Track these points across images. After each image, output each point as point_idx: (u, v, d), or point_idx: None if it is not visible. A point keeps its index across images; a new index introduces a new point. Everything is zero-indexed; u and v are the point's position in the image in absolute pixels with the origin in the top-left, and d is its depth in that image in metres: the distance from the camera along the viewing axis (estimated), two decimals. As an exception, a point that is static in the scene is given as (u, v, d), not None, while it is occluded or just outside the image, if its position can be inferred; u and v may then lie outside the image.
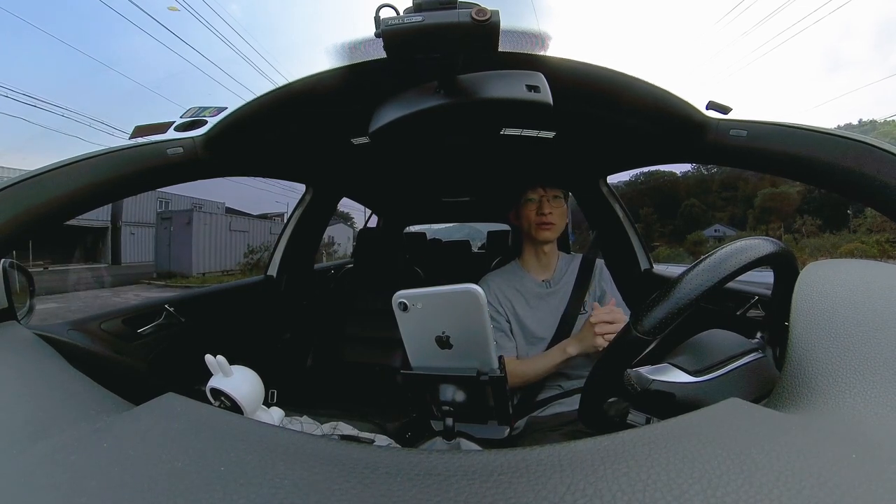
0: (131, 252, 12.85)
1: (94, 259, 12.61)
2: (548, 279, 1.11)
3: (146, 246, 12.89)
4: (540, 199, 1.06)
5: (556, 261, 1.13)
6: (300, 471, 0.24)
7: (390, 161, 1.54)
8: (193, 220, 11.14)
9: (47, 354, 0.47)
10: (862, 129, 11.60)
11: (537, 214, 1.05)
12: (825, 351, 0.29)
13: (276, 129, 0.93)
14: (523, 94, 0.60)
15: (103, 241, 12.60)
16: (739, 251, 0.43)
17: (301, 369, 1.57)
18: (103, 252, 12.52)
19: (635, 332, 0.42)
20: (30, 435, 0.29)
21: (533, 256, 1.12)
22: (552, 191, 1.06)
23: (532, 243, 1.10)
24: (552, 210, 1.05)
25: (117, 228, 12.74)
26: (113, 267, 12.45)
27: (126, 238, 12.88)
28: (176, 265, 11.49)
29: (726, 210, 15.76)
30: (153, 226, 13.10)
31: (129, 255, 12.84)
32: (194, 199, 14.63)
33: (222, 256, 11.97)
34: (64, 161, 0.70)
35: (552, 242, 1.09)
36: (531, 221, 1.06)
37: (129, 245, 12.91)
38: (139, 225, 12.89)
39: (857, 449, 0.22)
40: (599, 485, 0.21)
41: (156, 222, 12.83)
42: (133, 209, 12.79)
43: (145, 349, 1.04)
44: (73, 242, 12.19)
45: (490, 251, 3.80)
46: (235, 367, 0.51)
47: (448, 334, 0.41)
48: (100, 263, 12.53)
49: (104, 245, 12.61)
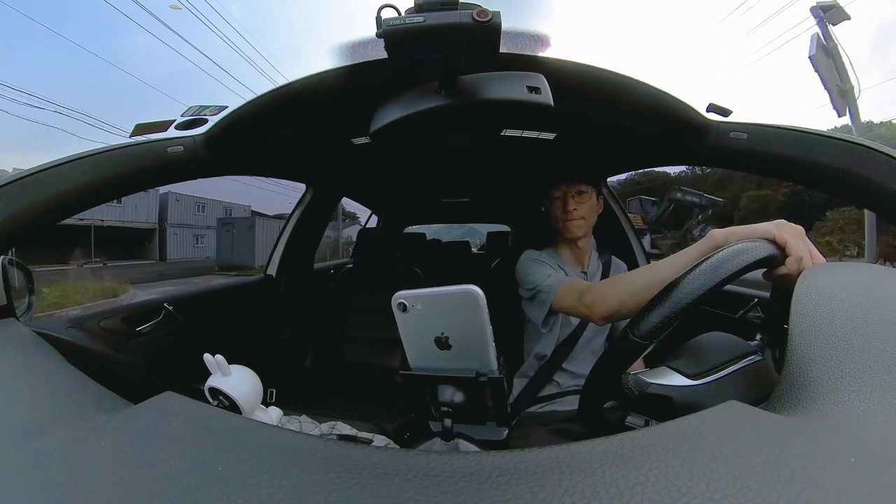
0: (174, 250, 15.24)
1: (142, 256, 14.45)
2: (584, 271, 1.12)
3: (187, 244, 15.41)
4: (564, 195, 1.06)
5: (589, 255, 1.14)
6: (298, 471, 0.24)
7: (390, 161, 1.54)
8: (256, 225, 13.88)
9: (46, 352, 0.47)
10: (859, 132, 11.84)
11: (563, 212, 1.05)
12: (824, 354, 0.29)
13: (277, 128, 0.93)
14: (524, 95, 0.60)
15: (150, 240, 14.85)
16: (737, 254, 0.43)
17: (300, 369, 1.57)
18: (150, 250, 14.63)
19: (632, 336, 0.42)
20: (27, 432, 0.29)
21: (568, 251, 1.12)
22: (576, 186, 1.06)
23: (565, 239, 1.11)
24: (577, 206, 1.05)
25: (163, 230, 15.19)
26: (161, 263, 14.41)
27: (170, 238, 15.36)
28: (238, 260, 13.51)
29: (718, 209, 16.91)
30: (193, 227, 15.67)
31: (173, 253, 15.19)
32: (225, 203, 17.51)
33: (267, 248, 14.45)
34: (64, 158, 0.70)
35: (586, 237, 1.10)
36: (559, 219, 1.07)
37: (172, 244, 15.33)
38: (181, 226, 15.48)
39: (856, 452, 0.22)
40: (598, 487, 0.21)
41: (217, 226, 15.14)
42: (176, 212, 15.32)
43: (144, 348, 1.04)
44: (121, 241, 13.93)
45: (490, 252, 3.80)
46: (234, 366, 0.51)
47: (447, 335, 0.41)
48: (148, 260, 14.42)
49: (150, 243, 14.85)
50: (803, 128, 0.72)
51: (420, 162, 1.61)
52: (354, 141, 1.15)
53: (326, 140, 1.18)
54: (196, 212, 15.94)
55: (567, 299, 0.88)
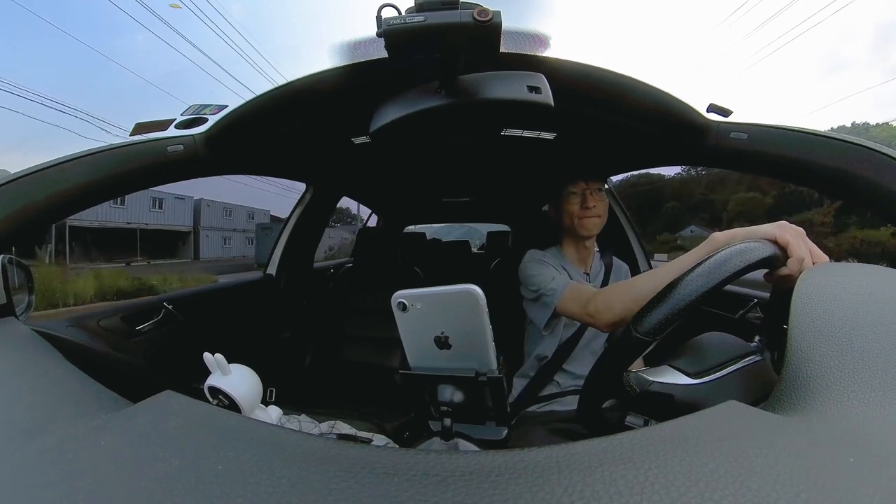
0: (205, 250, 17.28)
1: (177, 256, 16.50)
2: (587, 272, 1.11)
3: (217, 245, 17.83)
4: (583, 192, 1.03)
5: (593, 256, 1.13)
6: (297, 470, 0.24)
7: (391, 161, 1.54)
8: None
9: (45, 351, 0.47)
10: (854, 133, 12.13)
11: (581, 208, 1.03)
12: (824, 354, 0.29)
13: (277, 127, 0.93)
14: (524, 94, 0.60)
15: (184, 241, 17.04)
16: (739, 254, 0.43)
17: (300, 368, 1.57)
18: (185, 250, 16.75)
19: (635, 332, 0.42)
20: (27, 431, 0.29)
21: (573, 250, 1.10)
22: (594, 183, 1.04)
23: (574, 238, 1.08)
24: (596, 203, 1.02)
25: (197, 232, 17.40)
26: (195, 262, 16.37)
27: (203, 239, 17.57)
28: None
29: (708, 211, 18.54)
30: (221, 230, 18.36)
31: (205, 253, 17.38)
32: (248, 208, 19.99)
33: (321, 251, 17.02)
34: (64, 157, 0.70)
35: (594, 237, 1.08)
36: (574, 215, 1.04)
37: (204, 245, 17.14)
38: (211, 229, 17.66)
39: (855, 452, 0.22)
40: (597, 486, 0.21)
41: (257, 230, 17.26)
42: (207, 216, 16.51)
43: (144, 347, 1.04)
44: (159, 242, 16.05)
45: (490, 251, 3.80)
46: (234, 365, 0.51)
47: (447, 334, 0.41)
48: (184, 259, 16.46)
49: (185, 244, 17.03)
50: (803, 128, 0.72)
51: (420, 161, 1.61)
52: (354, 140, 1.15)
53: (326, 139, 1.18)
54: (224, 216, 18.54)
55: (571, 305, 0.87)
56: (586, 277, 1.10)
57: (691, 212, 18.93)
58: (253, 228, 17.62)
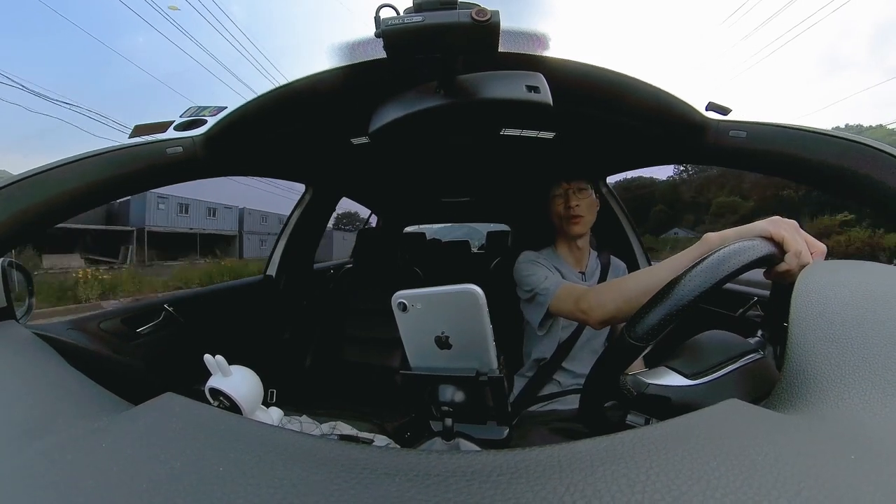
0: (247, 251, 20.79)
1: (225, 256, 18.64)
2: (583, 271, 1.12)
3: (255, 247, 20.94)
4: (565, 192, 1.06)
5: (587, 255, 1.14)
6: (299, 471, 0.24)
7: (390, 161, 1.54)
8: (334, 236, 16.97)
9: (46, 353, 0.47)
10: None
11: (565, 208, 1.05)
12: (824, 351, 0.29)
13: (276, 128, 0.93)
14: (523, 94, 0.60)
15: (229, 243, 20.78)
16: (734, 254, 0.43)
17: (300, 369, 1.57)
18: (230, 251, 20.09)
19: (629, 338, 0.42)
20: (28, 434, 0.29)
21: (567, 250, 1.12)
22: (576, 183, 1.06)
23: (565, 238, 1.10)
24: (579, 202, 1.04)
25: (241, 235, 21.43)
26: (241, 260, 18.57)
27: (245, 242, 21.33)
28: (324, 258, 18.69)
29: (693, 213, 20.22)
30: (259, 233, 21.63)
31: (247, 254, 20.44)
32: (280, 215, 22.48)
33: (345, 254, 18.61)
34: (64, 160, 0.70)
35: (585, 236, 1.10)
36: (560, 216, 1.07)
37: (246, 247, 21.16)
38: (251, 233, 21.62)
39: (857, 449, 0.22)
40: (598, 485, 0.21)
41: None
42: (248, 222, 21.68)
43: (144, 349, 1.04)
44: (209, 245, 19.28)
45: (489, 251, 3.80)
46: (234, 366, 0.51)
47: (447, 334, 0.41)
48: (231, 258, 18.64)
49: (230, 246, 20.67)
50: (802, 126, 0.72)
51: (420, 161, 1.61)
52: (354, 141, 1.15)
53: (326, 140, 1.18)
54: (261, 221, 22.33)
55: (564, 304, 0.88)
56: (582, 277, 1.10)
57: (677, 215, 20.40)
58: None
